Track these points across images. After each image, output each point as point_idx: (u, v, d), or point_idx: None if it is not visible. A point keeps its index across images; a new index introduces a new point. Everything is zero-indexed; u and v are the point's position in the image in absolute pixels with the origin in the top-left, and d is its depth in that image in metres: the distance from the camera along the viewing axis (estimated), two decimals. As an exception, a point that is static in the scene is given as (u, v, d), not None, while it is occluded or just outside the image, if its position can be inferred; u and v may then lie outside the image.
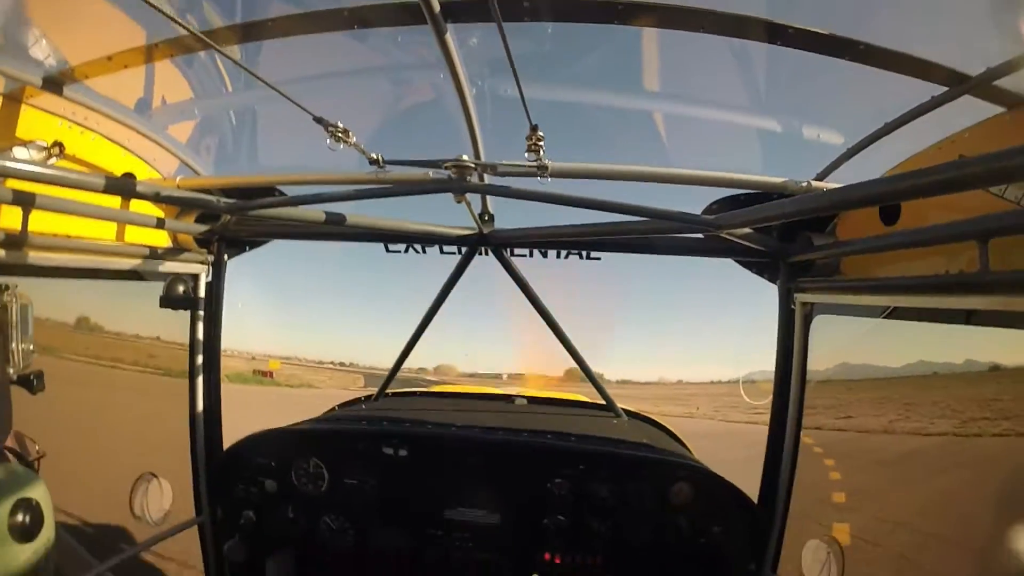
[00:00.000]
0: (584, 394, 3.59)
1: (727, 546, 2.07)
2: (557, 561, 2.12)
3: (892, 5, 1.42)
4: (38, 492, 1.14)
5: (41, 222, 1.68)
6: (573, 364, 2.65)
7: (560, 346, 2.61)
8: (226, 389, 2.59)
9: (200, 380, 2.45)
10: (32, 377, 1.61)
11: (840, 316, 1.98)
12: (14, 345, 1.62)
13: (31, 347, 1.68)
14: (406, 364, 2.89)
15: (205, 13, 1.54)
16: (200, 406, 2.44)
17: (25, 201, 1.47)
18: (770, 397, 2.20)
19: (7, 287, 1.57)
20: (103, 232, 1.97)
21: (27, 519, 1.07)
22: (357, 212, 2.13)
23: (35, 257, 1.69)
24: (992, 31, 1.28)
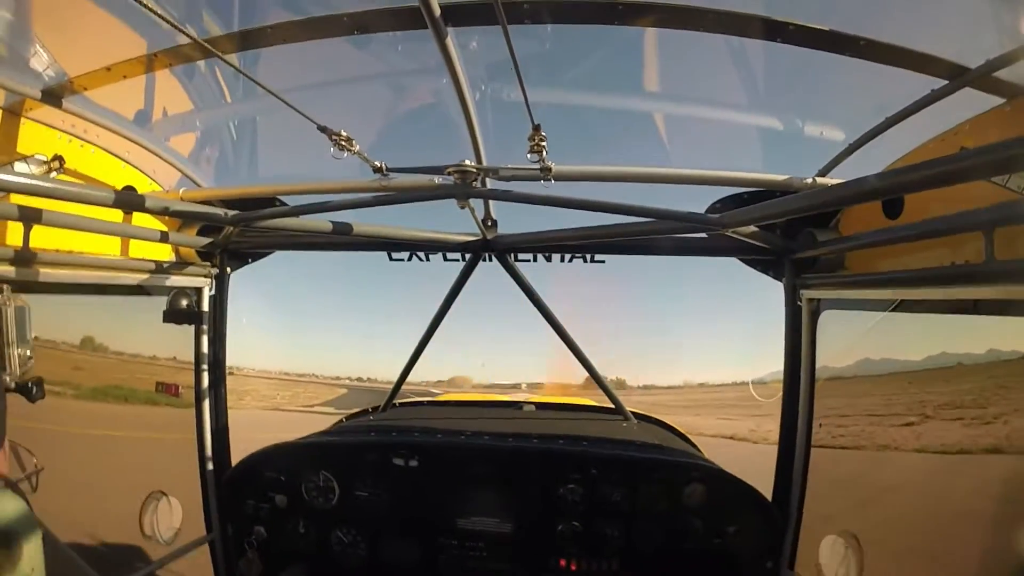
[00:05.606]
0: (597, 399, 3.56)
1: (743, 545, 2.06)
2: (573, 568, 2.10)
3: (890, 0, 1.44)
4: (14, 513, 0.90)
5: (41, 237, 1.67)
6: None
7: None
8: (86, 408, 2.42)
9: (207, 396, 2.42)
10: (31, 384, 1.52)
11: (852, 312, 1.98)
12: (10, 351, 1.54)
13: (28, 352, 1.59)
14: (412, 378, 2.85)
15: (204, 22, 1.53)
16: (207, 422, 2.41)
17: (25, 216, 1.46)
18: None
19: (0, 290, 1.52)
20: (104, 247, 1.95)
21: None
22: (360, 221, 2.12)
23: (34, 273, 1.67)
24: (990, 23, 1.29)
